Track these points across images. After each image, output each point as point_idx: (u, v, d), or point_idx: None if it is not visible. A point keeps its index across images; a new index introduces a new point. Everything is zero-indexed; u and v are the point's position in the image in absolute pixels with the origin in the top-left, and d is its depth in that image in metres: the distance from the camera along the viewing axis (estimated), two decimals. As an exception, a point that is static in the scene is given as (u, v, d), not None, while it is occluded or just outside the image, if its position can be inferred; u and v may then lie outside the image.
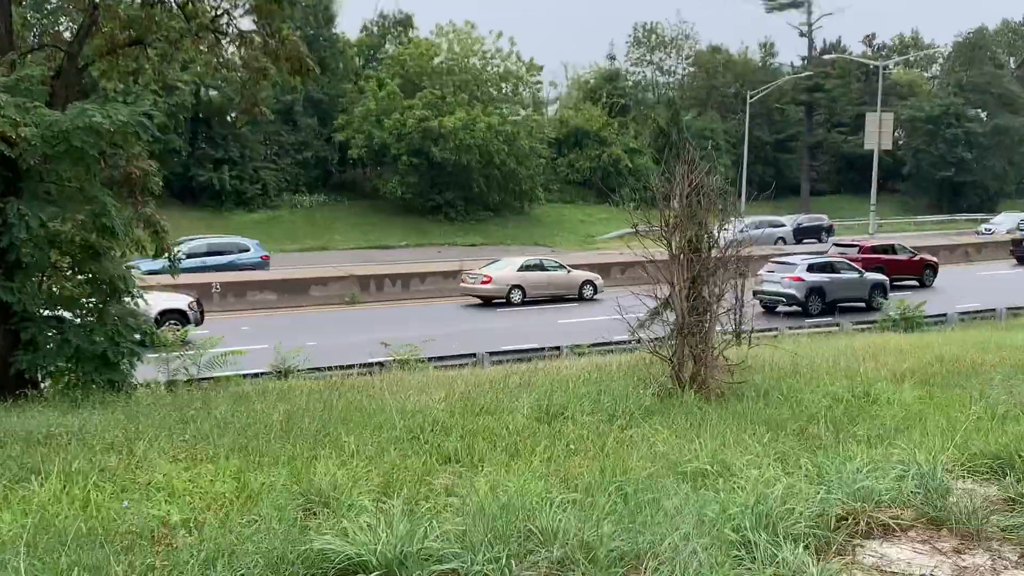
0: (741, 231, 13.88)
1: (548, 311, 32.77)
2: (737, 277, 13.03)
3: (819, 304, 32.22)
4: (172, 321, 26.95)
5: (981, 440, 8.30)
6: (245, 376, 17.11)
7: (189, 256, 37.51)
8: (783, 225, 58.94)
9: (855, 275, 34.04)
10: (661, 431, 9.16)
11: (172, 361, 16.44)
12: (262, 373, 18.04)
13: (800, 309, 32.31)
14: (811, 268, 33.19)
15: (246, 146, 58.64)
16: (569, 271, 36.68)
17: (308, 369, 17.96)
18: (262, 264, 39.92)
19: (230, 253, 39.65)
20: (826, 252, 40.19)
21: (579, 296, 35.74)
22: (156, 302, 26.49)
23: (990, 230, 64.53)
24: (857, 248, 39.20)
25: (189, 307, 27.40)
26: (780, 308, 32.94)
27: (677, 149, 13.08)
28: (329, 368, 18.38)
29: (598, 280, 36.34)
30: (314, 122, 63.39)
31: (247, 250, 40.60)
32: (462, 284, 35.89)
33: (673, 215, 12.67)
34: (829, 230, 60.90)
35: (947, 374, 13.12)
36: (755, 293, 33.15)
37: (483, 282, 35.07)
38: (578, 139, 72.75)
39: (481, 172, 61.61)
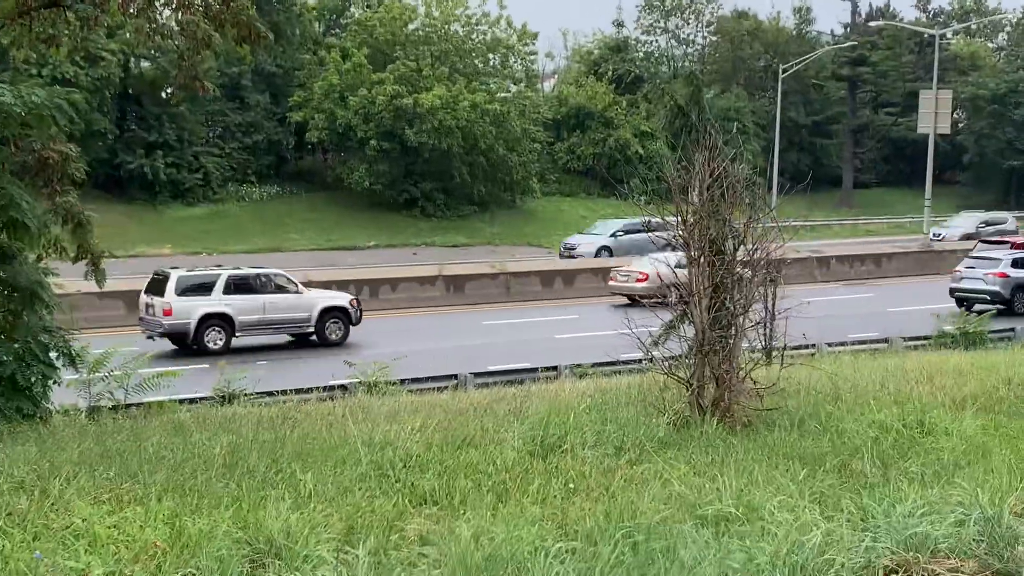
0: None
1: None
2: (767, 284, 13.07)
3: None
4: (334, 320, 29.05)
5: (1056, 478, 8.33)
6: (181, 401, 17.07)
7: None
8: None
9: None
10: (677, 467, 9.17)
11: (95, 384, 16.39)
12: (202, 398, 18.00)
13: (1004, 307, 34.18)
14: (1016, 263, 35.39)
15: (184, 128, 58.53)
16: None
17: (257, 393, 17.92)
18: None
19: None
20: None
21: None
22: (318, 300, 29.14)
23: (940, 235, 61.01)
24: (1009, 245, 40.48)
25: (351, 304, 29.63)
26: (980, 307, 34.07)
27: (697, 132, 13.13)
28: (283, 392, 18.35)
29: None
30: (265, 99, 63.32)
31: None
32: (611, 283, 37.89)
33: (692, 210, 12.72)
34: None
35: (1016, 400, 13.18)
36: (952, 291, 35.60)
37: (638, 280, 35.96)
38: (580, 120, 72.86)
39: (464, 159, 61.64)
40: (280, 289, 28.67)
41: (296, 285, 29.01)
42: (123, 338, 22.70)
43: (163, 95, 57.80)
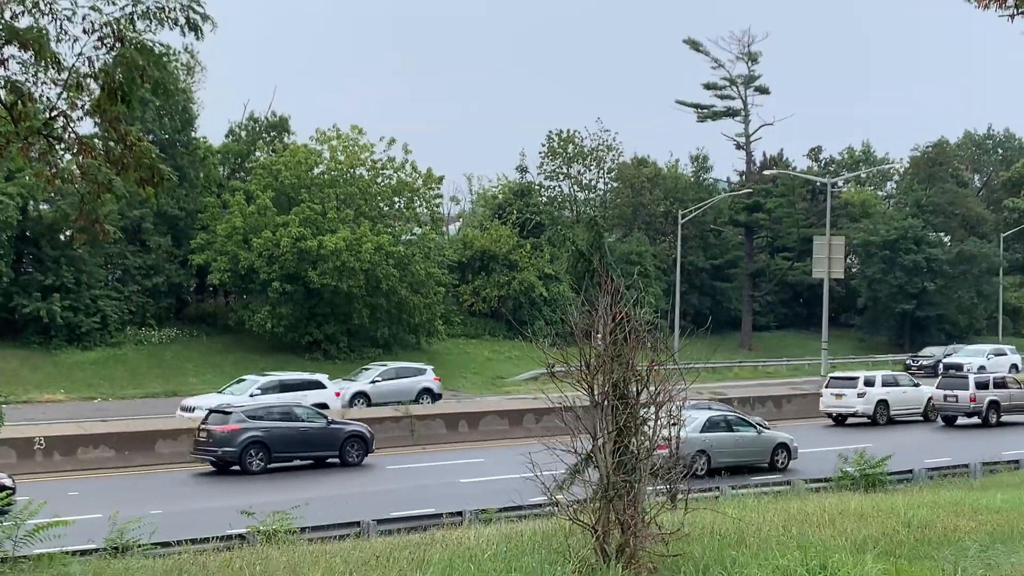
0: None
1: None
2: (670, 426, 13.16)
3: None
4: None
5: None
6: (72, 553, 16.45)
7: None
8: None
9: None
10: (583, 617, 9.07)
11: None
12: (93, 549, 17.38)
13: None
14: None
15: (82, 271, 57.66)
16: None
17: (152, 544, 17.36)
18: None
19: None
20: None
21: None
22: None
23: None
24: None
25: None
26: None
27: (599, 276, 13.31)
28: (178, 543, 17.79)
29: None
30: (167, 242, 62.88)
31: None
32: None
33: (595, 354, 12.83)
34: None
35: (915, 543, 13.33)
36: None
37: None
38: (484, 263, 73.58)
39: (367, 301, 61.61)
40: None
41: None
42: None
43: (62, 238, 57.12)
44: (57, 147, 14.02)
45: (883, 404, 45.19)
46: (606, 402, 12.67)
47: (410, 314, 64.01)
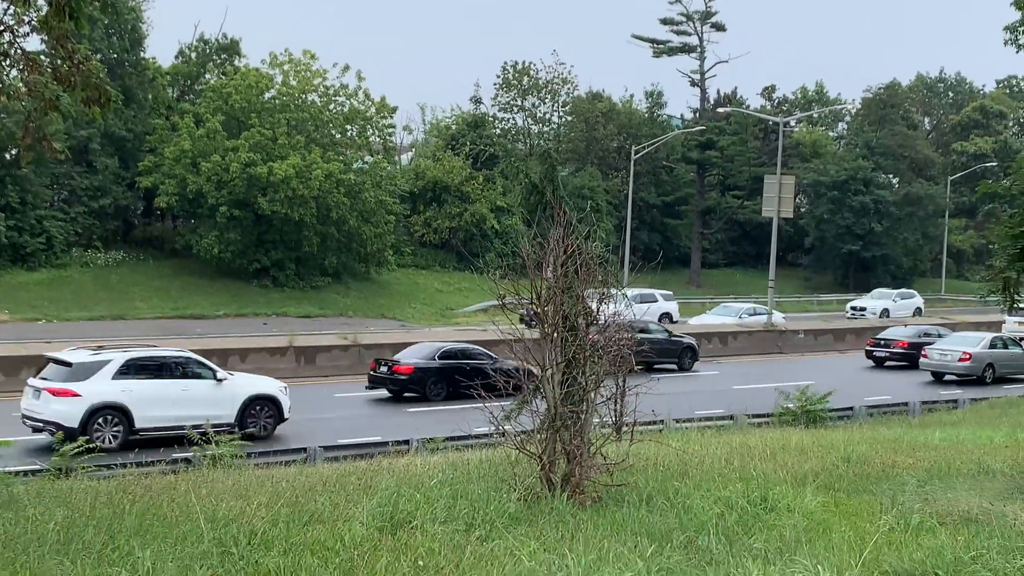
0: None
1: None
2: (619, 360, 13.23)
3: None
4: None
5: (893, 555, 8.59)
6: (16, 474, 16.37)
7: None
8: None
9: None
10: (527, 543, 9.16)
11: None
12: (37, 470, 17.30)
13: None
14: None
15: (28, 190, 56.80)
16: None
17: (96, 466, 17.31)
18: None
19: None
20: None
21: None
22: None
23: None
24: None
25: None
26: None
27: (551, 209, 13.29)
28: (123, 465, 17.75)
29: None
30: (114, 163, 61.95)
31: None
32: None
33: (546, 286, 12.85)
34: None
35: (854, 477, 13.56)
36: None
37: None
38: (436, 194, 73.29)
39: (317, 229, 61.24)
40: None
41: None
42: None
43: (7, 156, 56.11)
44: (3, 63, 13.71)
45: None
46: (555, 334, 12.71)
47: (360, 243, 63.75)
